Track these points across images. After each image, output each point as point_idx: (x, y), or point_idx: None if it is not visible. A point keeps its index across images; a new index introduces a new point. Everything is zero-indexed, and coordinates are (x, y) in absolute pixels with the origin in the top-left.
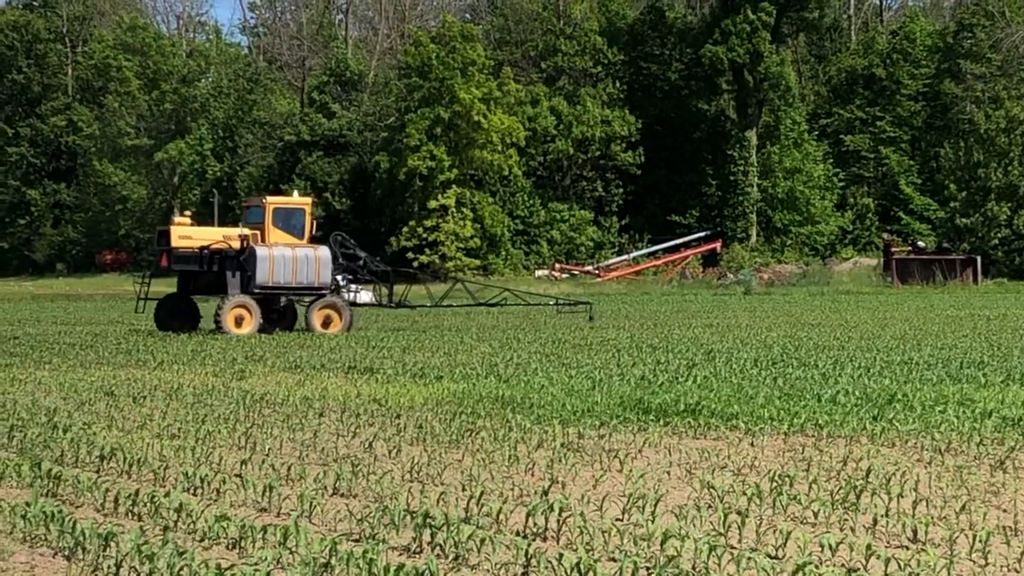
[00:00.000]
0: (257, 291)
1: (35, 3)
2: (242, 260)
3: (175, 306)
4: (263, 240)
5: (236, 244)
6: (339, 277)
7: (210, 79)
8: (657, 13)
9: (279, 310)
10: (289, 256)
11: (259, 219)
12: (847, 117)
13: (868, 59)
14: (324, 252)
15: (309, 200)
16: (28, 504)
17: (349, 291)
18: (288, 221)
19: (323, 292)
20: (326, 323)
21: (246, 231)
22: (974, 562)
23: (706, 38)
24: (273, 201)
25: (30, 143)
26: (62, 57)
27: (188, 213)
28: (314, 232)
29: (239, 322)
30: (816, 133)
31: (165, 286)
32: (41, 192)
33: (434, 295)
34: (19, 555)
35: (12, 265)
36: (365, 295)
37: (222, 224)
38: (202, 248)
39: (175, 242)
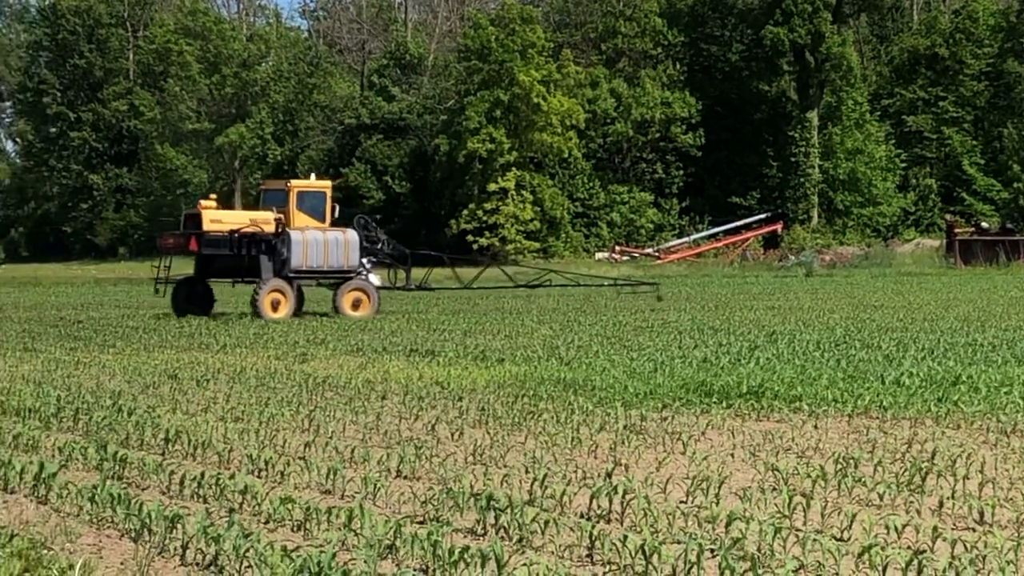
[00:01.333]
0: (291, 275)
1: None
2: (276, 244)
3: (192, 290)
4: (287, 224)
5: (267, 228)
6: (364, 260)
7: (270, 63)
8: None
9: None
10: (321, 239)
11: (276, 202)
12: (909, 97)
13: (930, 39)
14: (352, 235)
15: (329, 183)
16: (95, 486)
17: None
18: (311, 205)
19: (351, 275)
20: (355, 306)
21: (279, 215)
22: None
23: (767, 19)
24: (297, 184)
25: (92, 127)
26: (123, 41)
27: (213, 196)
28: (335, 215)
29: (275, 306)
30: (878, 114)
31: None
32: (103, 176)
33: (463, 278)
34: (86, 537)
35: (75, 249)
36: (374, 278)
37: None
38: (232, 232)
39: (207, 225)
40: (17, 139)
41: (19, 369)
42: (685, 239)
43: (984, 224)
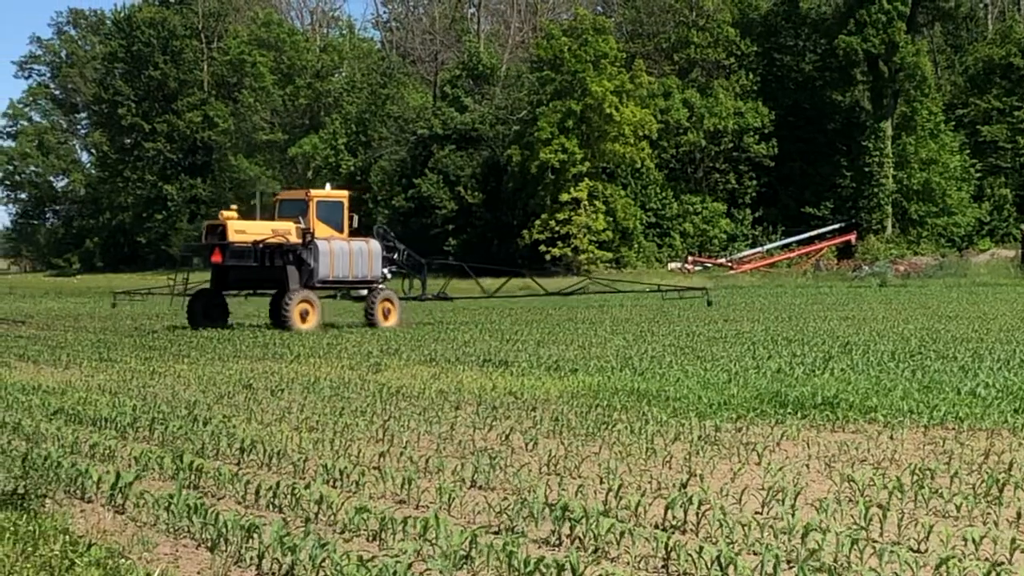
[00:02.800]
0: (318, 285)
1: (171, 0)
2: (303, 254)
3: (208, 302)
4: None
5: (292, 238)
6: (385, 270)
7: (343, 74)
8: (791, 4)
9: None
10: (347, 249)
11: (293, 213)
12: (984, 107)
13: (1005, 48)
14: (375, 245)
15: (346, 193)
16: (171, 496)
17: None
18: (329, 214)
19: (374, 285)
20: (384, 315)
21: (303, 225)
22: None
23: (840, 28)
24: (316, 194)
25: (166, 138)
26: (198, 53)
27: (235, 207)
28: (354, 225)
29: (304, 317)
30: (952, 123)
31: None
32: (177, 187)
33: (487, 289)
34: (163, 546)
35: (149, 260)
36: None
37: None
38: (256, 243)
39: (232, 236)
40: (92, 150)
41: (95, 379)
42: (758, 249)
43: None
